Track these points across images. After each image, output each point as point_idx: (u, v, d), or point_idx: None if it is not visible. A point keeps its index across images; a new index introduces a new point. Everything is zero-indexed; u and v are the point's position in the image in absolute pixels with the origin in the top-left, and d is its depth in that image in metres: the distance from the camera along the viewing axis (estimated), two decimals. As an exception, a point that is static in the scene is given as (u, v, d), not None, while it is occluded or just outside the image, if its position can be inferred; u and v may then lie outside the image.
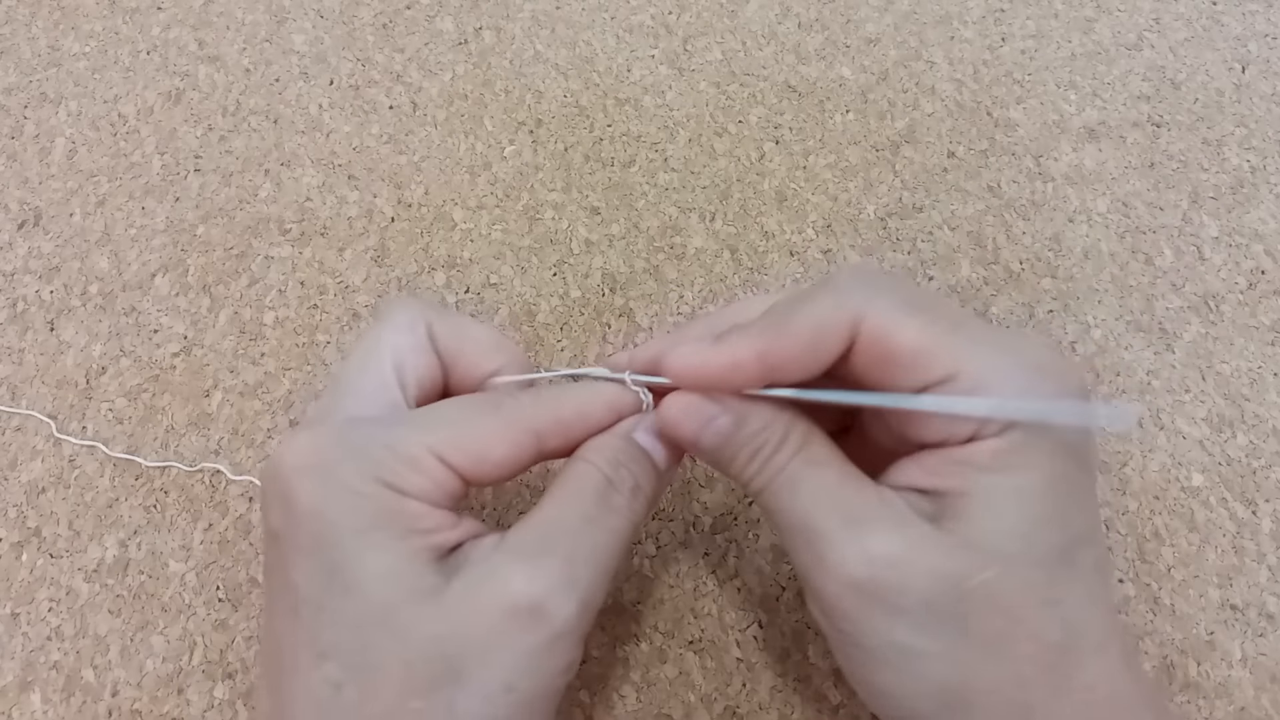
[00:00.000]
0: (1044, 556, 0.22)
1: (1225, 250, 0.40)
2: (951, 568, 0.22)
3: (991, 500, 0.22)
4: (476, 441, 0.24)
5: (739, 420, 0.24)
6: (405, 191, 0.41)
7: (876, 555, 0.22)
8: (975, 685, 0.22)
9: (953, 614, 0.22)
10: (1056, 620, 0.22)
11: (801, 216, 0.41)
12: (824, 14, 0.47)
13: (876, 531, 0.22)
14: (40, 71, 0.45)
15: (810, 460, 0.24)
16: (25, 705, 0.31)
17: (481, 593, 0.22)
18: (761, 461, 0.24)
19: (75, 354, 0.37)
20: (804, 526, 0.23)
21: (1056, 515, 0.22)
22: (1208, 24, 0.46)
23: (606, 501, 0.24)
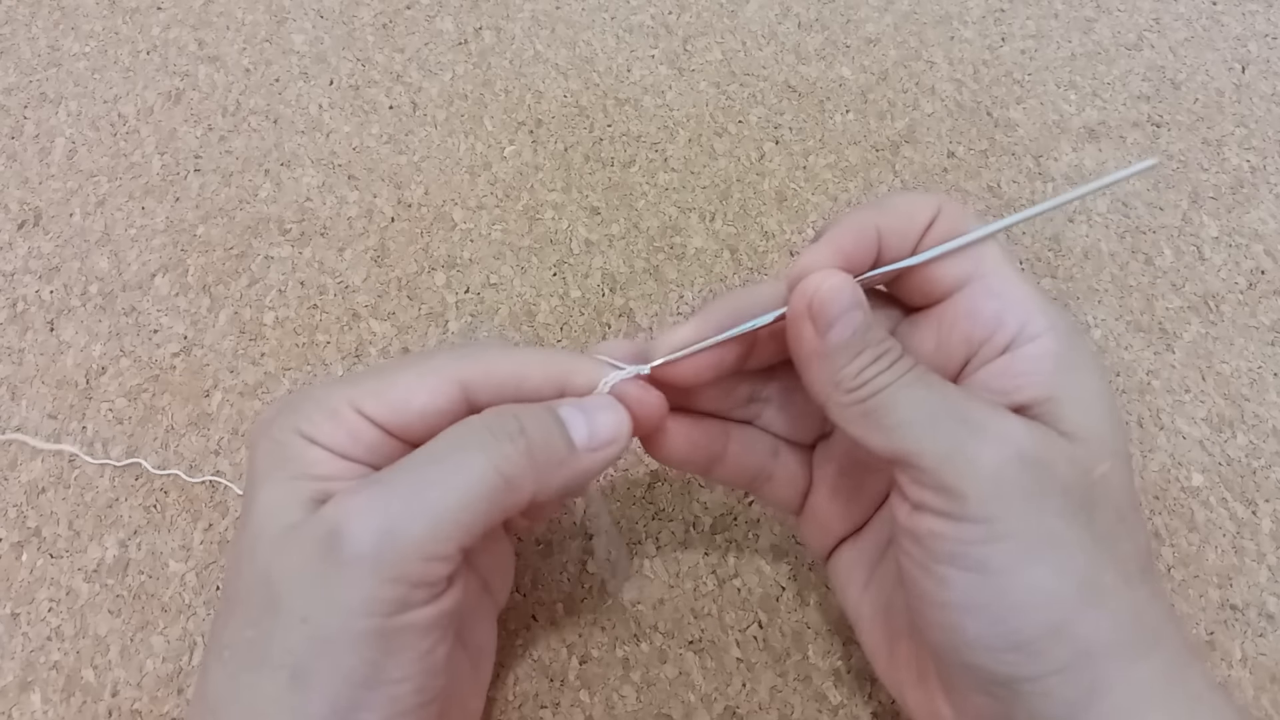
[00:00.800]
0: (1127, 457, 0.24)
1: (1225, 250, 0.40)
2: (1082, 457, 0.22)
3: (1081, 399, 0.23)
4: (396, 390, 0.24)
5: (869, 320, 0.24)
6: (405, 191, 0.41)
7: (1037, 432, 0.22)
8: (1103, 582, 0.22)
9: (1083, 504, 0.22)
10: (1142, 523, 0.23)
11: (801, 216, 0.41)
12: (824, 14, 0.47)
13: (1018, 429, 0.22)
14: (40, 71, 0.45)
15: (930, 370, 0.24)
16: (25, 705, 0.31)
17: (305, 524, 0.22)
18: (890, 360, 0.23)
19: (75, 354, 0.37)
20: (954, 409, 0.22)
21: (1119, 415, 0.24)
22: (1208, 24, 0.46)
23: (465, 440, 0.23)
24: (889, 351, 0.23)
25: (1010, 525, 0.21)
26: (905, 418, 0.23)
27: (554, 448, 0.24)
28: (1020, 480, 0.22)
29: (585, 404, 0.25)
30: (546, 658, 0.31)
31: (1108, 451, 0.23)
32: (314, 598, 0.21)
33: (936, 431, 0.22)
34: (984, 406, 0.23)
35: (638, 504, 0.34)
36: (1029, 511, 0.21)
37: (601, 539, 0.32)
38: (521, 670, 0.31)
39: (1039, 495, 0.22)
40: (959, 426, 0.22)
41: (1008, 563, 0.21)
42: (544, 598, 0.32)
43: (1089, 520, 0.22)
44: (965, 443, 0.22)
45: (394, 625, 0.21)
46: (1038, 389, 0.23)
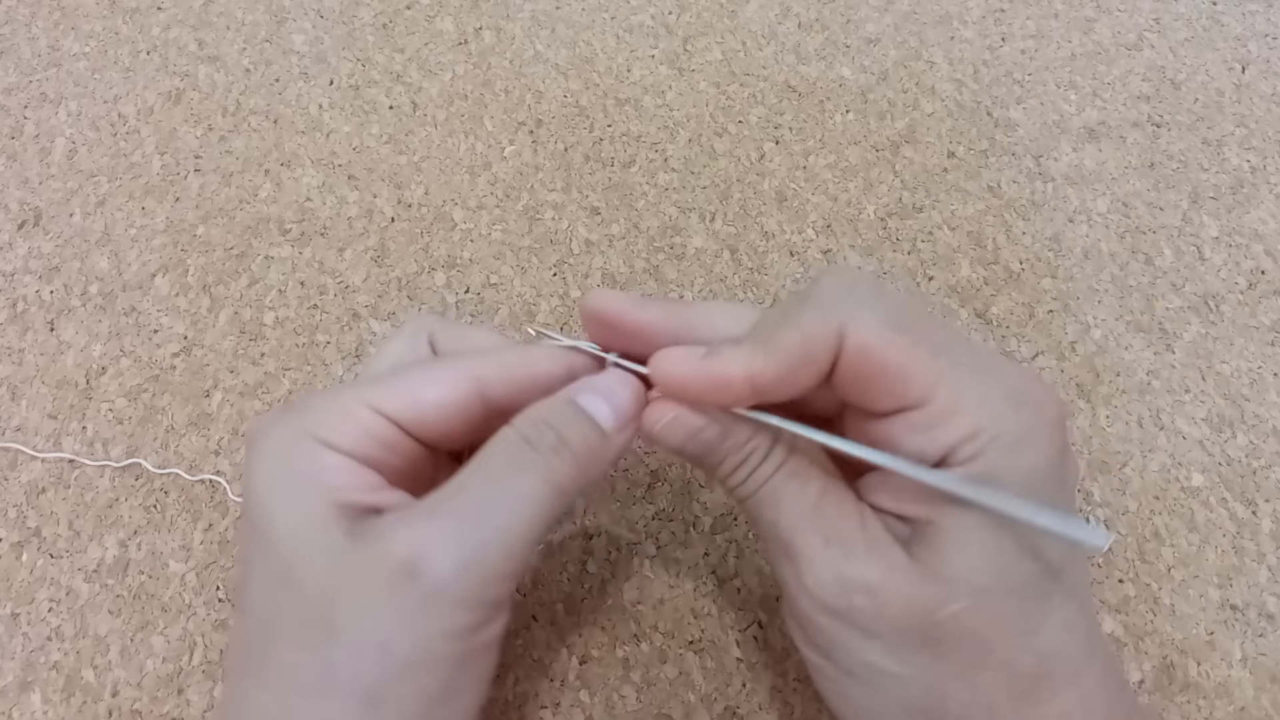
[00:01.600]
0: (1017, 588, 0.22)
1: (1225, 250, 0.40)
2: (923, 598, 0.22)
3: (960, 533, 0.22)
4: (411, 386, 0.24)
5: (725, 431, 0.24)
6: (405, 191, 0.41)
7: (852, 581, 0.22)
8: (945, 710, 0.22)
9: (924, 641, 0.22)
10: (1029, 651, 0.22)
11: (801, 216, 0.41)
12: (824, 14, 0.47)
13: (853, 556, 0.22)
14: (40, 71, 0.45)
15: (794, 473, 0.24)
16: (25, 705, 0.31)
17: (367, 551, 0.22)
18: (747, 471, 0.24)
19: (75, 354, 0.37)
20: (784, 542, 0.23)
21: (1028, 546, 0.22)
22: (1208, 24, 0.46)
23: (515, 460, 0.23)
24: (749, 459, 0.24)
25: (834, 655, 0.23)
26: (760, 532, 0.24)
27: (592, 445, 0.24)
28: (832, 626, 0.23)
29: (601, 387, 0.25)
30: (546, 658, 0.31)
31: (966, 591, 0.21)
32: (392, 625, 0.21)
33: (775, 557, 0.24)
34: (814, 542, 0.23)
35: (638, 504, 0.34)
36: (848, 648, 0.23)
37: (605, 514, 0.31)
38: (521, 670, 0.31)
39: (857, 636, 0.22)
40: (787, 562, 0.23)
41: (838, 679, 0.23)
42: (544, 598, 0.32)
43: (932, 655, 0.22)
44: (789, 581, 0.23)
45: (472, 645, 0.22)
46: (924, 510, 0.23)
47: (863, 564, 0.22)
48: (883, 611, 0.22)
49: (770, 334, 0.23)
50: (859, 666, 0.22)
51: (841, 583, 0.22)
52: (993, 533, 0.22)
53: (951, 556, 0.22)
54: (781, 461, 0.24)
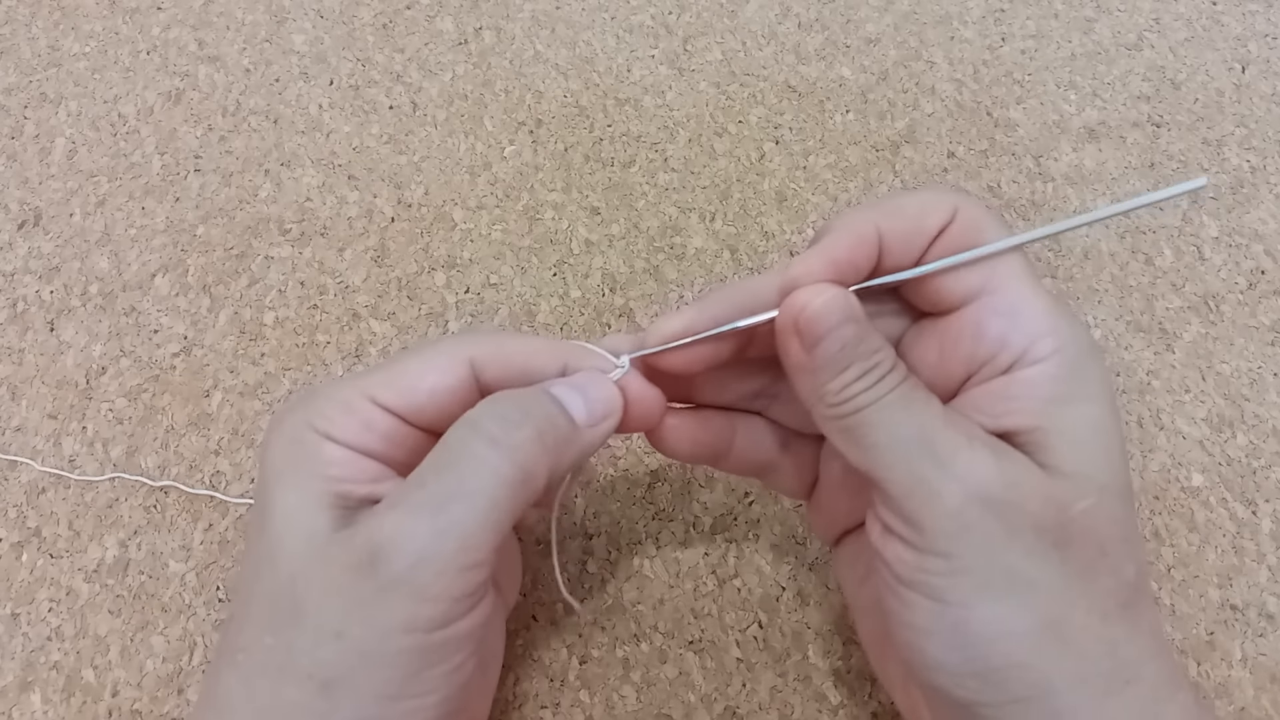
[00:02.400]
0: (1122, 490, 0.23)
1: (1225, 250, 0.40)
2: (1058, 494, 0.22)
3: (1071, 431, 0.22)
4: (407, 375, 0.24)
5: (861, 333, 0.23)
6: (405, 191, 0.41)
7: (1006, 470, 0.22)
8: (1069, 619, 0.21)
9: (1056, 541, 0.21)
10: (1132, 559, 0.22)
11: (801, 216, 0.41)
12: (824, 14, 0.47)
13: (998, 452, 0.22)
14: (40, 71, 0.45)
15: (918, 386, 0.23)
16: (25, 705, 0.31)
17: (339, 538, 0.22)
18: (876, 377, 0.23)
19: (75, 354, 0.37)
20: (923, 439, 0.22)
21: (1123, 448, 0.23)
22: (1208, 24, 0.46)
23: (473, 445, 0.22)
24: (877, 367, 0.23)
25: (969, 562, 0.21)
26: (879, 441, 0.23)
27: (560, 427, 0.24)
28: (981, 520, 0.21)
29: (576, 382, 0.25)
30: (546, 658, 0.31)
31: (1092, 487, 0.22)
32: (351, 614, 0.21)
33: (905, 461, 0.22)
34: (958, 437, 0.22)
35: (638, 504, 0.34)
36: (990, 550, 0.21)
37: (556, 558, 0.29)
38: (521, 670, 0.31)
39: (1002, 534, 0.21)
40: (926, 458, 0.22)
41: (966, 597, 0.22)
42: (544, 598, 0.32)
43: (1061, 558, 0.21)
44: (930, 477, 0.22)
45: (434, 640, 0.22)
46: (1026, 417, 0.23)
47: (1007, 460, 0.22)
48: (1025, 506, 0.21)
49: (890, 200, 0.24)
50: (996, 574, 0.21)
51: (999, 470, 0.22)
52: (1101, 432, 0.23)
53: (1070, 455, 0.22)
54: (905, 376, 0.23)
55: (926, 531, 0.22)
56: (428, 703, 0.22)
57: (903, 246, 0.24)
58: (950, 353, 0.24)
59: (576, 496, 0.34)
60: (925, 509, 0.22)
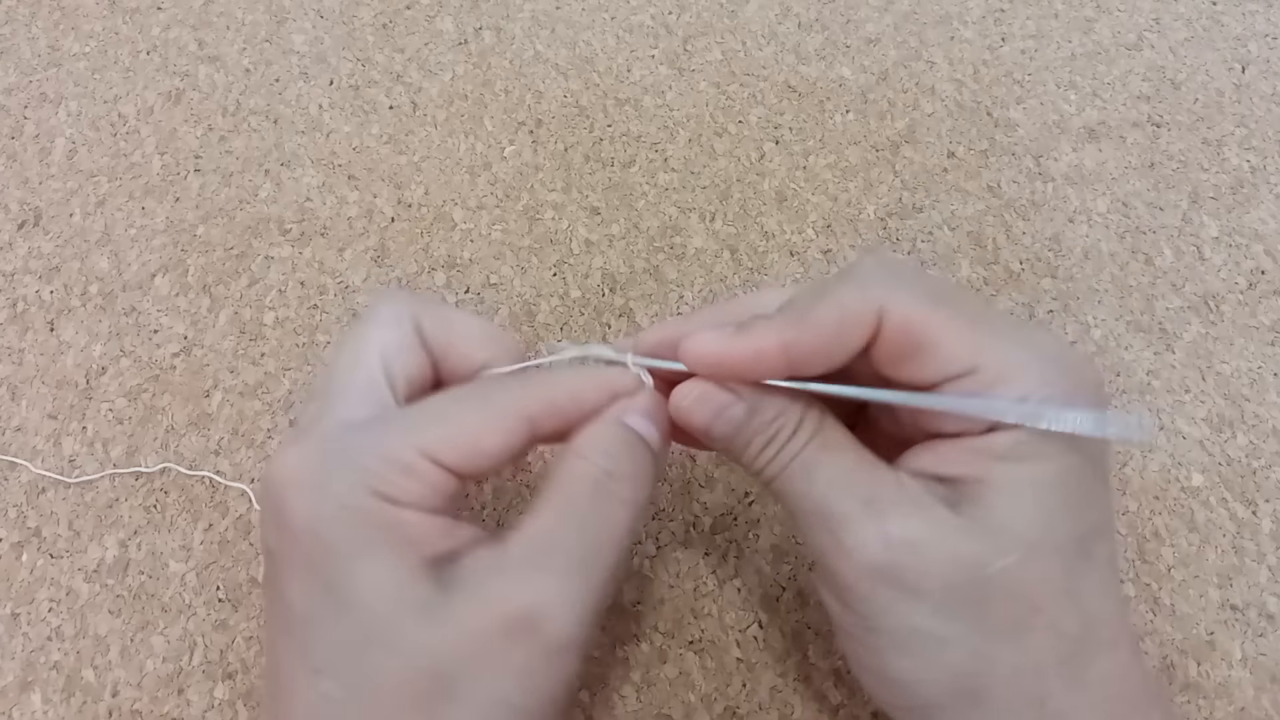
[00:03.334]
0: (1062, 546, 0.22)
1: (1225, 250, 0.40)
2: (972, 552, 0.21)
3: (1010, 488, 0.22)
4: (468, 436, 0.23)
5: (753, 408, 0.24)
6: (405, 191, 0.41)
7: (895, 538, 0.22)
8: (992, 674, 0.22)
9: (972, 600, 0.21)
10: (1074, 611, 0.22)
11: (801, 216, 0.41)
12: (824, 14, 0.47)
13: (895, 514, 0.22)
14: (40, 71, 0.45)
15: (825, 445, 0.24)
16: (25, 705, 0.31)
17: (476, 606, 0.21)
18: (776, 448, 0.23)
19: (75, 354, 0.37)
20: (821, 510, 0.23)
21: (1073, 506, 0.22)
22: (1208, 24, 0.46)
23: (603, 498, 0.23)
24: (777, 435, 0.23)
25: (877, 622, 0.22)
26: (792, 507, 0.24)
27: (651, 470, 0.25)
28: (876, 589, 0.22)
29: (643, 408, 0.25)
30: (546, 658, 0.31)
31: (1017, 545, 0.21)
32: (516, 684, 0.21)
33: (811, 528, 0.23)
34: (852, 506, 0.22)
35: (638, 504, 0.34)
36: (893, 613, 0.22)
37: None
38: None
39: (903, 598, 0.22)
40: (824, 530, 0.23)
41: (880, 650, 0.23)
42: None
43: (979, 615, 0.21)
44: (828, 549, 0.23)
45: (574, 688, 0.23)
46: (969, 469, 0.22)
47: (906, 520, 0.22)
48: (929, 568, 0.21)
49: (806, 307, 0.23)
50: (904, 632, 0.22)
51: (885, 540, 0.22)
52: (1043, 489, 0.22)
53: (1002, 510, 0.22)
54: (811, 434, 0.24)
55: (838, 594, 0.23)
56: None
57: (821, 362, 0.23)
58: (923, 421, 0.24)
59: None
60: (831, 576, 0.23)
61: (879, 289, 0.23)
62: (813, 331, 0.23)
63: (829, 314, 0.23)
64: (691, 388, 0.24)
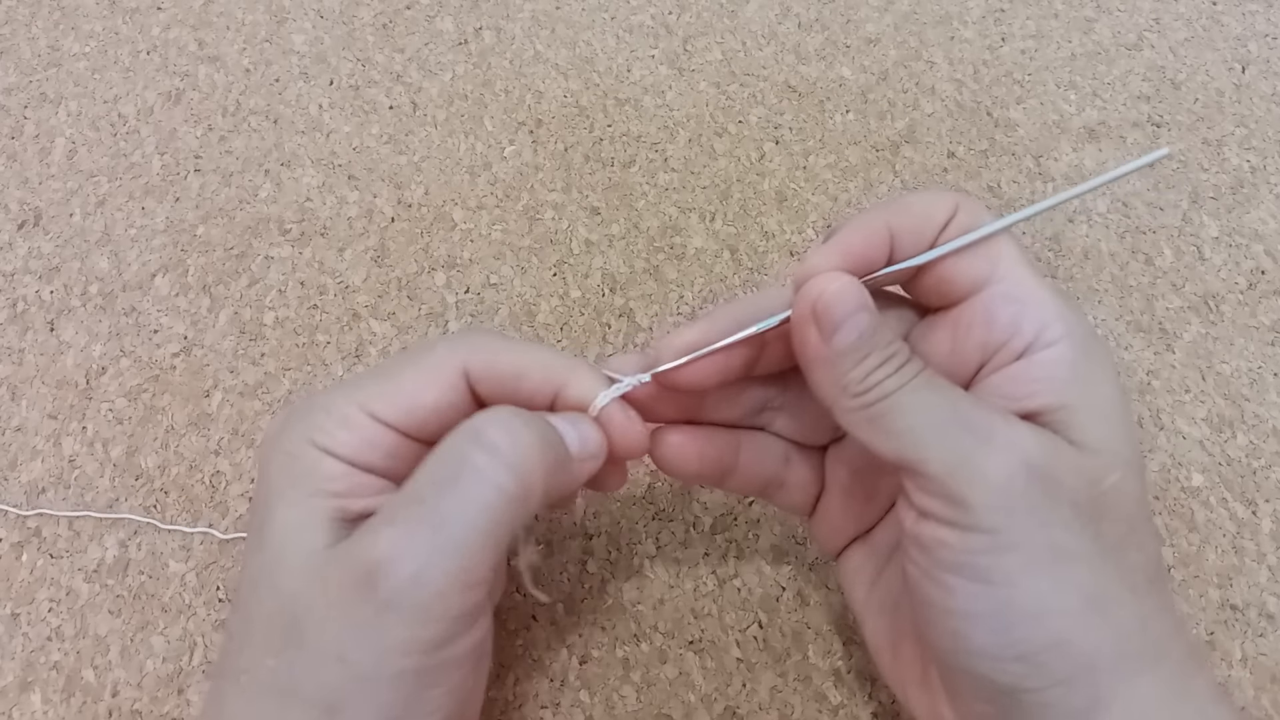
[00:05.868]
0: (1140, 467, 0.23)
1: (1225, 250, 0.40)
2: (1089, 468, 0.22)
3: (1094, 408, 0.23)
4: (404, 390, 0.24)
5: (876, 322, 0.23)
6: (405, 191, 0.41)
7: (1045, 442, 0.22)
8: (1107, 593, 0.21)
9: (1091, 516, 0.22)
10: (1153, 535, 0.23)
11: (801, 216, 0.41)
12: (824, 14, 0.47)
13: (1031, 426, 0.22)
14: (40, 71, 0.45)
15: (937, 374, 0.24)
16: (25, 705, 0.31)
17: (336, 555, 0.21)
18: (897, 364, 0.23)
19: (75, 354, 0.37)
20: (961, 416, 0.22)
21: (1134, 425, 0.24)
22: (1208, 24, 0.46)
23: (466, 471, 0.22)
24: (896, 355, 0.23)
25: (1016, 537, 0.21)
26: (911, 424, 0.22)
27: (557, 449, 0.24)
28: (1027, 492, 0.21)
29: (569, 417, 0.25)
30: (546, 658, 0.31)
31: (1119, 461, 0.22)
32: (351, 637, 0.21)
33: (943, 439, 0.22)
34: (992, 414, 0.22)
35: (638, 504, 0.34)
36: (1035, 524, 0.21)
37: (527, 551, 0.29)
38: (521, 670, 0.31)
39: (1046, 507, 0.21)
40: (965, 434, 0.22)
41: (1013, 574, 0.21)
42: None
43: (1097, 532, 0.22)
44: (972, 452, 0.22)
45: (434, 661, 0.21)
46: (1050, 396, 0.23)
47: (1042, 433, 0.22)
48: (1064, 480, 0.22)
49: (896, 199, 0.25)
50: (1042, 548, 0.21)
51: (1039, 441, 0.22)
52: (1119, 410, 0.23)
53: (1097, 432, 0.22)
54: (921, 366, 0.23)
55: (972, 508, 0.21)
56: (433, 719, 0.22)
57: (912, 240, 0.24)
58: (963, 342, 0.25)
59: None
60: (970, 485, 0.21)
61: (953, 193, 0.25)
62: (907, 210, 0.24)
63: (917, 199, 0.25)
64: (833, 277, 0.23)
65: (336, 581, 0.21)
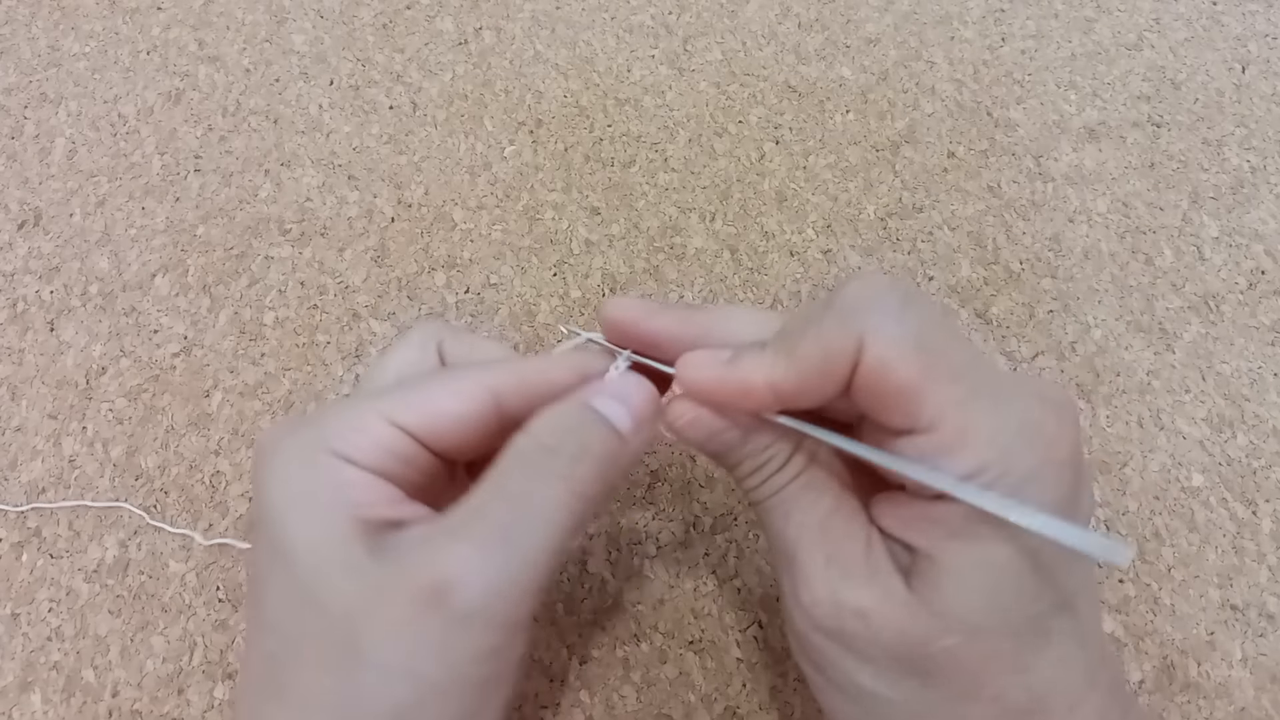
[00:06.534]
0: (1014, 627, 0.22)
1: (1225, 250, 0.40)
2: (916, 630, 0.21)
3: (958, 570, 0.21)
4: (427, 399, 0.24)
5: (745, 435, 0.24)
6: (405, 191, 0.41)
7: (847, 604, 0.22)
8: None
9: (915, 669, 0.22)
10: (1021, 686, 0.22)
11: (801, 216, 0.41)
12: (824, 14, 0.47)
13: (851, 580, 0.22)
14: (40, 71, 0.45)
15: (808, 485, 0.24)
16: (25, 705, 0.31)
17: (392, 572, 0.21)
18: (763, 477, 0.24)
19: (75, 354, 0.37)
20: (788, 554, 0.23)
21: (1026, 587, 0.22)
22: (1208, 24, 0.46)
23: (534, 472, 0.22)
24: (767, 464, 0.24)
25: (826, 670, 0.23)
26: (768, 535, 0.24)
27: (612, 449, 0.24)
28: (825, 645, 0.23)
29: (614, 389, 0.25)
30: (546, 658, 0.31)
31: (960, 628, 0.21)
32: (419, 649, 0.21)
33: (779, 565, 0.24)
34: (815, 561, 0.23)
35: (638, 504, 0.34)
36: (839, 668, 0.23)
37: None
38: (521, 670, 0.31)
39: (850, 658, 0.22)
40: (788, 574, 0.24)
41: (829, 693, 0.24)
42: (544, 598, 0.32)
43: (922, 684, 0.22)
44: (787, 594, 0.24)
45: (498, 667, 0.22)
46: (925, 542, 0.22)
47: (860, 589, 0.22)
48: (876, 637, 0.22)
49: (792, 341, 0.22)
50: (850, 686, 0.23)
51: (836, 604, 0.22)
52: (993, 572, 0.21)
53: (948, 593, 0.21)
54: (798, 472, 0.24)
55: (793, 636, 0.24)
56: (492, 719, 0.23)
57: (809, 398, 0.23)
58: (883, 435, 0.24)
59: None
60: (786, 619, 0.24)
61: (861, 321, 0.22)
62: (798, 368, 0.22)
63: (813, 349, 0.22)
64: (688, 409, 0.24)
65: (399, 599, 0.21)
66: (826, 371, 0.22)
